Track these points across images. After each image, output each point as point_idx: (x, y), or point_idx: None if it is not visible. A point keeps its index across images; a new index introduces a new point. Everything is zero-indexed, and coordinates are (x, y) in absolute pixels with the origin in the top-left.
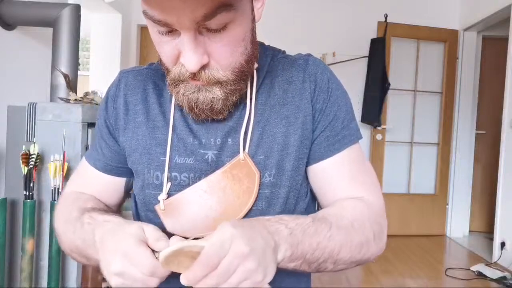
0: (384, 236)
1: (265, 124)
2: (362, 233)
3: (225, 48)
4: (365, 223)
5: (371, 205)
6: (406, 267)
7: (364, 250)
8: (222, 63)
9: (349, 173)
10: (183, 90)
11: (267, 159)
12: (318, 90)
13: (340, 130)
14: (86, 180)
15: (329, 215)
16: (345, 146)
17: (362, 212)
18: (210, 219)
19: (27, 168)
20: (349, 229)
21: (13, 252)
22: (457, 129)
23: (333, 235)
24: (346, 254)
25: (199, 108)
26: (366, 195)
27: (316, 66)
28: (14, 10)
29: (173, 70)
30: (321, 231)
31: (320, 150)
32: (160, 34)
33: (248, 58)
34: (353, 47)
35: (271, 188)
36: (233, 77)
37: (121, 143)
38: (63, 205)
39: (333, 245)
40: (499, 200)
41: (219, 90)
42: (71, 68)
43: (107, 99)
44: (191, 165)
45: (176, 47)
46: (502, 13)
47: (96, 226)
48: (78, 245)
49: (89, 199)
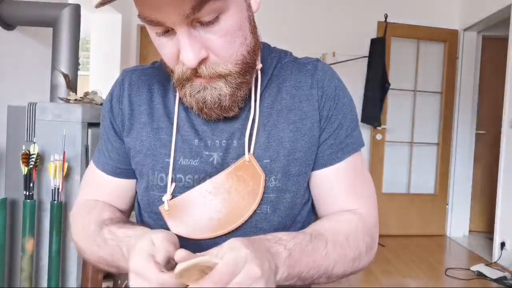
0: (375, 246)
1: (272, 128)
2: (356, 248)
3: (221, 40)
4: (358, 237)
5: (365, 217)
6: (406, 267)
7: (356, 264)
8: (222, 55)
9: (348, 184)
10: (189, 90)
11: (273, 163)
12: (325, 98)
13: (343, 138)
14: (97, 186)
15: (326, 230)
16: (347, 155)
17: (357, 226)
18: (214, 220)
19: (27, 168)
20: (344, 245)
21: (13, 252)
22: (457, 129)
23: (329, 252)
24: (340, 269)
25: (208, 107)
26: (362, 207)
27: (324, 72)
28: (14, 10)
29: (176, 70)
30: (318, 249)
31: (323, 158)
32: (158, 36)
33: (249, 49)
34: (353, 47)
35: (276, 192)
36: (237, 69)
37: (126, 144)
38: (79, 216)
39: (328, 262)
40: (499, 200)
41: (224, 85)
42: (71, 68)
43: (112, 100)
44: (196, 167)
45: (175, 46)
46: (502, 13)
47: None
48: (106, 260)
49: (104, 208)
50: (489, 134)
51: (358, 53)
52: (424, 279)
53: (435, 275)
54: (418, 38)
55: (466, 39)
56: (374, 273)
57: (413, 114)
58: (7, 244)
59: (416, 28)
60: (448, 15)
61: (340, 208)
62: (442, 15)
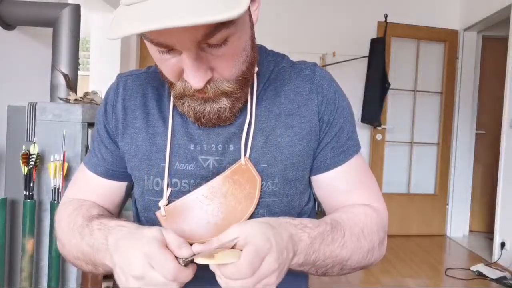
0: (386, 242)
1: (270, 133)
2: (370, 241)
3: (227, 60)
4: (373, 230)
5: (378, 212)
6: (406, 267)
7: (369, 256)
8: (226, 75)
9: (356, 181)
10: (188, 102)
11: (270, 168)
12: (325, 102)
13: (345, 141)
14: (86, 187)
15: (343, 221)
16: (350, 157)
17: (371, 219)
18: (211, 224)
19: (27, 168)
20: (360, 237)
21: (13, 252)
22: (457, 129)
23: (346, 243)
24: (355, 260)
25: (206, 118)
26: (373, 202)
27: (322, 77)
28: (14, 10)
29: (178, 85)
30: (336, 239)
31: (326, 161)
32: (161, 53)
33: (249, 65)
34: (353, 47)
35: (273, 196)
36: (237, 86)
37: (121, 148)
38: (65, 213)
39: (344, 253)
40: (499, 200)
41: (226, 100)
42: (71, 68)
43: (106, 104)
44: (191, 171)
45: (178, 64)
46: (502, 13)
47: (109, 231)
48: (84, 252)
49: (93, 206)
50: (489, 134)
51: (358, 53)
52: (424, 279)
53: (435, 275)
54: (418, 38)
55: (466, 39)
56: (374, 273)
57: (413, 114)
58: (7, 244)
59: (416, 28)
60: (448, 15)
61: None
62: (442, 15)
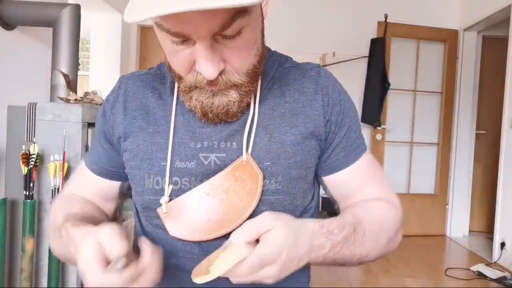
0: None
1: (274, 131)
2: (388, 234)
3: (240, 52)
4: (390, 222)
5: (395, 204)
6: (406, 267)
7: (386, 247)
8: (237, 67)
9: (370, 177)
10: (196, 95)
11: (274, 166)
12: (331, 104)
13: (354, 139)
14: (82, 181)
15: (363, 218)
16: (360, 155)
17: (389, 212)
18: (212, 221)
19: (27, 168)
20: (379, 232)
21: (13, 252)
22: (457, 129)
23: (366, 241)
24: (373, 255)
25: (214, 112)
26: (387, 195)
27: (327, 78)
28: (14, 10)
29: (188, 78)
30: (357, 239)
31: (339, 161)
32: (174, 44)
33: (259, 58)
34: (353, 47)
35: (276, 194)
36: (248, 79)
37: (122, 148)
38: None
39: (364, 251)
40: (499, 200)
41: (235, 93)
42: (71, 68)
43: (105, 106)
44: (192, 169)
45: (191, 55)
46: (502, 13)
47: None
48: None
49: (78, 202)
50: (489, 134)
51: (358, 53)
52: (424, 279)
53: (435, 275)
54: (418, 38)
55: (466, 39)
56: (374, 273)
57: (413, 114)
58: (7, 244)
59: (416, 28)
60: (448, 15)
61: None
62: (442, 15)
